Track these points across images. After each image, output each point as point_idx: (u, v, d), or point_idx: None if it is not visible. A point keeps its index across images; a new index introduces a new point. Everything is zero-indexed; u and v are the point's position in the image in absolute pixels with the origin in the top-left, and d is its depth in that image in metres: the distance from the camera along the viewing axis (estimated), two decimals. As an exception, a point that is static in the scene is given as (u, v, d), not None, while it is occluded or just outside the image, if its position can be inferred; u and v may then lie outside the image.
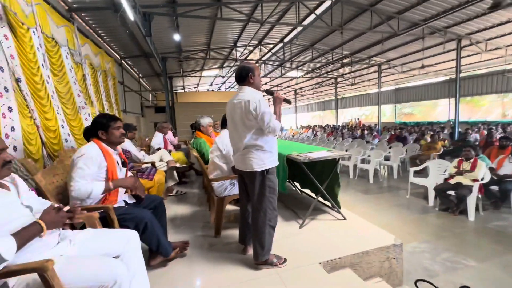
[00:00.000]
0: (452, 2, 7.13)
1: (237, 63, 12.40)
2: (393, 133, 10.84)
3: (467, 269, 2.83)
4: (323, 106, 29.43)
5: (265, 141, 1.98)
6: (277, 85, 20.17)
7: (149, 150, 4.72)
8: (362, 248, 2.26)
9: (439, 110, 20.54)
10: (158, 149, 4.33)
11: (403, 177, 6.39)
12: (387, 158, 7.22)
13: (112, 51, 7.77)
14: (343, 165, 7.33)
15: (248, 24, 8.27)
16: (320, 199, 3.01)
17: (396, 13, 7.89)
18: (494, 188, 4.37)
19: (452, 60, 11.54)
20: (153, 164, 3.51)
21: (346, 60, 12.58)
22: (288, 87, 20.87)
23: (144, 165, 3.48)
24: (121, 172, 2.01)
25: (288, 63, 13.14)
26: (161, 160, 3.93)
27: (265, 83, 18.86)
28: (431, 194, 4.62)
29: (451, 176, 4.43)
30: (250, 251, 2.26)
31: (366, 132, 11.84)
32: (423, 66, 11.95)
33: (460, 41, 9.31)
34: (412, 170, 5.13)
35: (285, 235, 2.58)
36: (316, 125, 22.03)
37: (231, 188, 2.59)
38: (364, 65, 13.40)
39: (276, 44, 10.96)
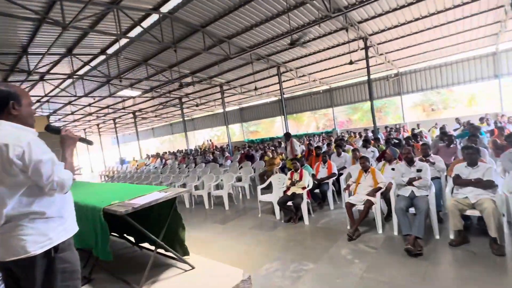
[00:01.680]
0: (268, 35, 8.72)
1: (34, 77, 9.69)
2: (242, 152, 11.61)
3: (307, 274, 3.15)
4: (171, 129, 27.91)
5: (47, 204, 1.38)
6: (108, 107, 16.84)
7: None
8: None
9: (276, 126, 24.95)
10: None
11: (256, 196, 6.88)
12: (239, 179, 7.56)
13: None
14: (197, 196, 7.09)
15: (42, 26, 6.58)
16: (162, 250, 2.48)
17: (226, 37, 8.66)
18: (317, 191, 5.39)
19: (277, 83, 14.29)
20: None
21: (188, 80, 12.58)
22: (124, 108, 18.03)
23: None
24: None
25: (117, 79, 11.09)
26: None
27: (89, 104, 15.40)
28: (277, 209, 5.10)
29: (288, 188, 5.09)
30: None
31: (218, 153, 12.21)
32: (256, 88, 14.08)
33: (279, 67, 11.67)
34: (259, 188, 5.55)
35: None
36: (165, 152, 19.60)
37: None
38: (207, 85, 13.95)
39: (96, 56, 9.16)
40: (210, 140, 23.01)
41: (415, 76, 14.66)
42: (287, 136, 7.82)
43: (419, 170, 3.97)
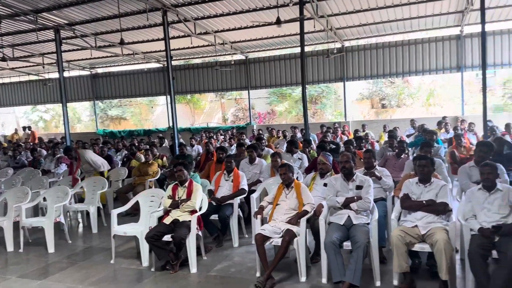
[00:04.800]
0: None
1: None
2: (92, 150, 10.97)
3: None
4: None
5: None
6: None
7: None
8: None
9: (158, 112, 24.34)
10: None
11: (109, 227, 6.44)
12: (81, 199, 7.27)
13: None
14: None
15: None
16: None
17: None
18: (215, 217, 5.41)
19: (161, 39, 13.86)
20: None
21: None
22: None
23: None
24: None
25: None
26: None
27: None
28: (144, 248, 4.92)
29: (166, 213, 4.94)
30: None
31: (44, 151, 11.15)
32: (123, 43, 13.27)
33: (166, 12, 11.30)
34: (114, 213, 5.27)
35: None
36: None
37: None
38: (28, 24, 12.56)
39: None
40: (30, 128, 20.53)
41: (363, 55, 16.74)
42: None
43: (359, 187, 4.42)
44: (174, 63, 18.84)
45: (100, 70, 21.64)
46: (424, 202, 4.09)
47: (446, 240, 3.68)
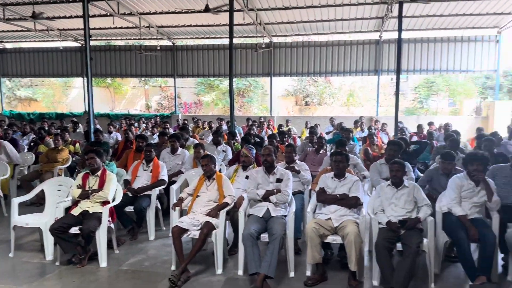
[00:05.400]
0: None
1: None
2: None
3: None
4: None
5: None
6: None
7: None
8: None
9: (74, 95, 22.86)
10: None
11: (9, 217, 5.95)
12: None
13: None
14: None
15: None
16: None
17: None
18: (130, 209, 5.21)
19: (80, 16, 13.00)
20: None
21: None
22: None
23: None
24: None
25: None
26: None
27: None
28: (48, 240, 4.62)
29: (76, 203, 4.66)
30: None
31: None
32: (36, 16, 12.15)
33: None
34: (15, 202, 4.89)
35: None
36: None
37: None
38: None
39: None
40: None
41: (290, 53, 17.18)
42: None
43: (279, 180, 4.52)
44: (93, 43, 17.87)
45: (8, 45, 19.74)
46: (338, 196, 4.30)
47: (356, 233, 3.90)
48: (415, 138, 9.33)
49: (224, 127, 12.48)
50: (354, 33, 16.71)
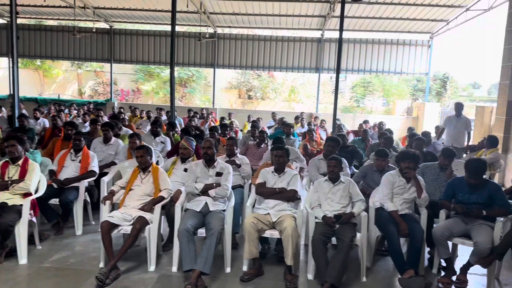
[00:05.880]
0: None
1: None
2: None
3: None
4: None
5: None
6: None
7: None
8: None
9: (-4, 76, 21.10)
10: None
11: None
12: None
13: None
14: None
15: None
16: None
17: None
18: (55, 201, 4.88)
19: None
20: None
21: None
22: None
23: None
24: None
25: None
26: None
27: None
28: None
29: (-8, 194, 4.26)
30: None
31: None
32: None
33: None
34: None
35: None
36: None
37: None
38: None
39: None
40: None
41: (234, 45, 17.10)
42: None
43: (219, 174, 4.42)
44: (21, 21, 16.52)
45: None
46: (276, 189, 4.30)
47: (293, 227, 3.92)
48: (351, 136, 9.68)
49: (164, 117, 12.11)
50: (297, 29, 17.01)
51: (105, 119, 10.42)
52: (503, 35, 9.27)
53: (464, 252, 4.59)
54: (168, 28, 15.81)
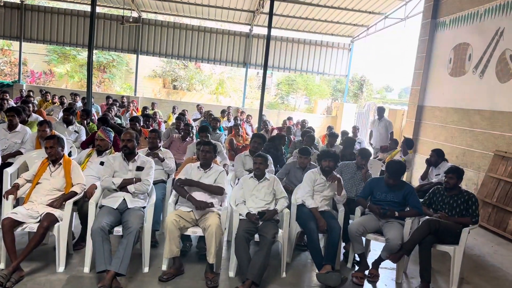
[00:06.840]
0: None
1: None
2: None
3: None
4: None
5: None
6: None
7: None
8: None
9: None
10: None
11: None
12: None
13: None
14: None
15: None
16: None
17: None
18: None
19: None
20: None
21: None
22: None
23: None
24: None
25: None
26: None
27: None
28: None
29: None
30: None
31: None
32: None
33: None
34: None
35: None
36: None
37: None
38: None
39: None
40: None
41: (160, 32, 16.46)
42: None
43: (139, 168, 4.19)
44: None
45: None
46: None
47: (217, 225, 3.84)
48: (275, 132, 9.84)
49: (79, 103, 11.28)
50: (226, 22, 16.88)
51: (11, 103, 9.42)
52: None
53: (375, 247, 4.89)
54: (88, 8, 14.70)
